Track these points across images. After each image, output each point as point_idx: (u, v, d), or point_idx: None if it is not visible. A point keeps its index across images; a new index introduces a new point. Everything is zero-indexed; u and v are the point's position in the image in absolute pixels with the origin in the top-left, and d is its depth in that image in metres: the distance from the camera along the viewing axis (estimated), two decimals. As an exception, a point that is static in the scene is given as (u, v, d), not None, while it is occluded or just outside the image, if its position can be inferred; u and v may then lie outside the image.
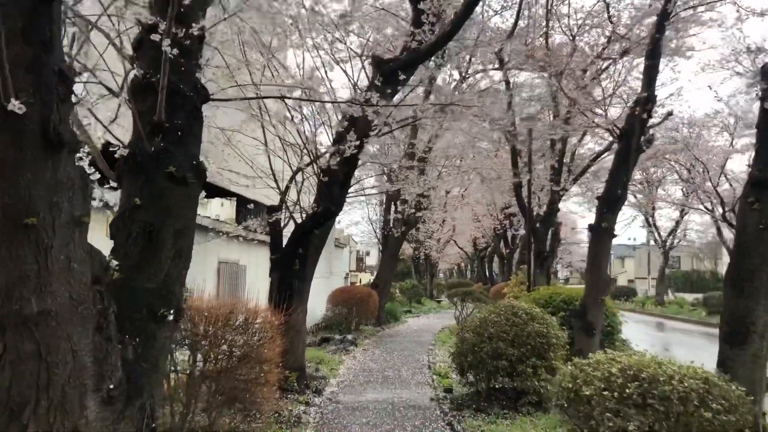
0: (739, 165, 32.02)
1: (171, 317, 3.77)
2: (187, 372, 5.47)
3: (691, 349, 16.66)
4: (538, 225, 16.79)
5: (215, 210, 13.70)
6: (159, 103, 3.67)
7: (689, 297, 43.89)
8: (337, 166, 8.47)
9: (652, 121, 11.59)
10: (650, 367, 4.80)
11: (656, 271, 61.69)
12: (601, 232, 11.19)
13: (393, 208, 20.67)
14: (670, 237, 41.40)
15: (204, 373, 5.49)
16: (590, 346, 10.94)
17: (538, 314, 8.42)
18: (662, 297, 40.00)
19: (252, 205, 9.09)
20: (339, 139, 8.81)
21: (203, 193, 4.29)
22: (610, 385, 4.76)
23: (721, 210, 28.39)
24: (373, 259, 75.75)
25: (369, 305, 17.39)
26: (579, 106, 11.98)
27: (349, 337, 14.53)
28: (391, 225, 20.12)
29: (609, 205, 11.21)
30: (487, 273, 39.04)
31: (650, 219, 42.02)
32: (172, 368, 5.32)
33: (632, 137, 10.97)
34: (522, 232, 28.22)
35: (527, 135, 15.26)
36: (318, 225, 8.92)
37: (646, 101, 10.79)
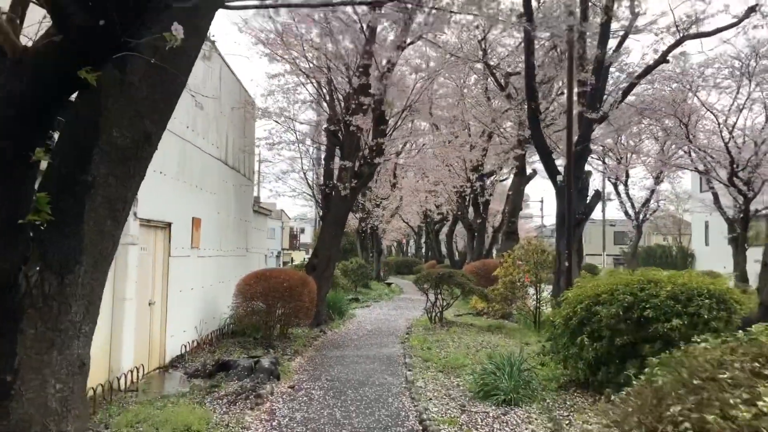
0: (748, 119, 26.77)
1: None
2: None
3: None
4: (560, 175, 10.84)
5: None
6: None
7: (653, 274, 39.74)
8: None
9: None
10: None
11: (611, 248, 58.13)
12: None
13: (338, 152, 14.33)
14: (643, 209, 36.91)
15: None
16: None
17: None
18: (635, 275, 35.42)
19: None
20: None
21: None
22: None
23: (728, 170, 23.50)
24: (308, 237, 68.80)
25: (302, 298, 11.04)
26: None
27: (266, 362, 8.10)
28: (335, 179, 13.78)
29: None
30: (444, 249, 33.17)
31: (620, 189, 37.45)
32: None
33: None
34: (502, 197, 22.43)
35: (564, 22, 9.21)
36: (97, 55, 2.46)
37: None
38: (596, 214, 58.14)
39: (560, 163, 12.77)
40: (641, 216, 36.85)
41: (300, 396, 7.22)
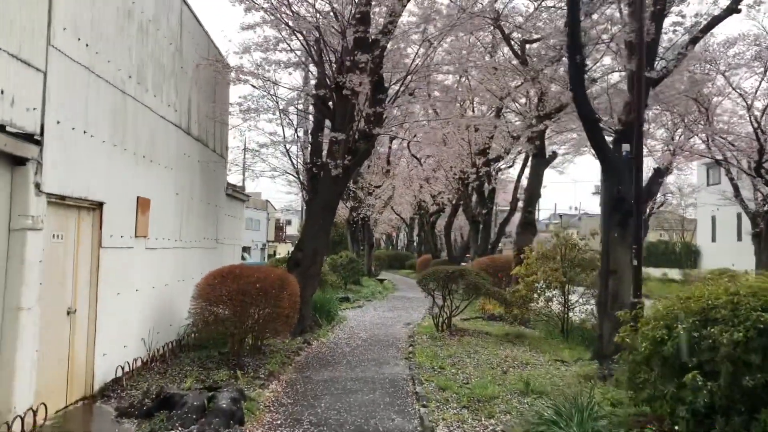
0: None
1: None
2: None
3: None
4: (626, 144, 8.51)
5: None
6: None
7: (655, 272, 37.72)
8: None
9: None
10: None
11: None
12: None
13: (328, 124, 11.92)
14: (650, 202, 34.84)
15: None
16: None
17: None
18: (640, 272, 33.34)
19: None
20: None
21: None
22: None
23: (755, 159, 21.34)
24: (295, 229, 65.91)
25: (281, 302, 8.64)
26: None
27: (224, 399, 5.70)
28: (325, 156, 11.39)
29: None
30: (440, 242, 30.85)
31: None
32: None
33: None
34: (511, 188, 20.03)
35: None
36: None
37: None
38: (594, 207, 55.94)
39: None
40: (648, 210, 34.83)
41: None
